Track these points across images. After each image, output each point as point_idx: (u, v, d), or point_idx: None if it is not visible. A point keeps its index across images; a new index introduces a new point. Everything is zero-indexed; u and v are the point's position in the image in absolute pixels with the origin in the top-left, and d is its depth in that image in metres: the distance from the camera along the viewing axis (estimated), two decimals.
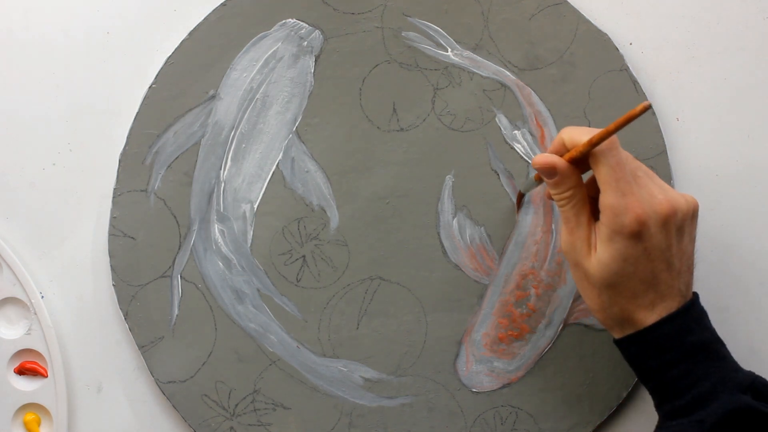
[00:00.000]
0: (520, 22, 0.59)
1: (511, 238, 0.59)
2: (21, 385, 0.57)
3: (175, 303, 0.58)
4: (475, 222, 0.59)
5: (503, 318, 0.58)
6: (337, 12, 0.59)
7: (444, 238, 0.58)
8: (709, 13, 0.61)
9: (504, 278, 0.59)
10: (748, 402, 0.47)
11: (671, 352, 0.49)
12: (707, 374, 0.48)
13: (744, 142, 0.60)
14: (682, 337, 0.49)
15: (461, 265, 0.58)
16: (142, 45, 0.59)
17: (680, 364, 0.49)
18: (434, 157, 0.59)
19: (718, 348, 0.50)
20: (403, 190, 0.59)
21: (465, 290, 0.58)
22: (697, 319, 0.50)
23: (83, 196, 0.59)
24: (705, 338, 0.49)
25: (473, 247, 0.59)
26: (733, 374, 0.49)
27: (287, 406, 0.58)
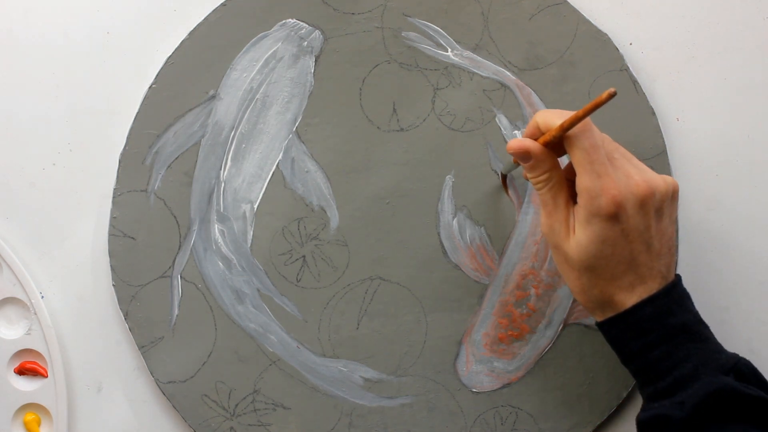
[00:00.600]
0: (520, 22, 0.59)
1: (511, 238, 0.59)
2: (21, 385, 0.57)
3: (175, 303, 0.58)
4: (475, 222, 0.59)
5: (503, 318, 0.58)
6: (337, 12, 0.59)
7: (444, 238, 0.58)
8: (709, 13, 0.61)
9: (504, 278, 0.59)
10: (729, 383, 0.47)
11: (652, 334, 0.49)
12: (689, 356, 0.48)
13: (744, 142, 0.60)
14: (663, 319, 0.49)
15: (461, 265, 0.59)
16: (143, 45, 0.59)
17: (661, 345, 0.49)
18: (434, 157, 0.59)
19: (701, 330, 0.50)
20: (403, 190, 0.59)
21: (465, 290, 0.58)
22: (679, 301, 0.50)
23: (83, 196, 0.59)
24: (687, 320, 0.49)
25: (473, 247, 0.59)
26: (715, 356, 0.49)
27: (287, 406, 0.58)
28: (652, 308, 0.49)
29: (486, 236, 0.59)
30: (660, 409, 0.48)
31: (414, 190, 0.59)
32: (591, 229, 0.48)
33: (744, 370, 0.49)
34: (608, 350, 0.58)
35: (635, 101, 0.59)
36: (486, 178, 0.59)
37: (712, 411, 0.47)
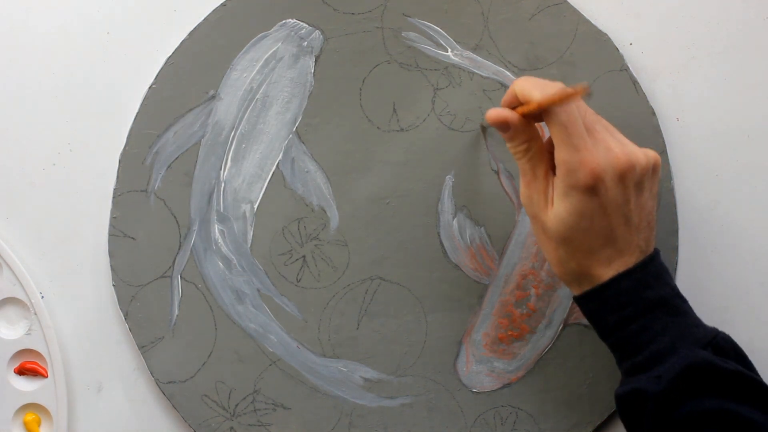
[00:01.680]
0: (520, 22, 0.60)
1: (511, 238, 0.59)
2: (21, 386, 0.57)
3: (175, 303, 0.58)
4: (475, 222, 0.59)
5: (503, 318, 0.59)
6: (337, 12, 0.59)
7: (444, 238, 0.58)
8: (709, 13, 0.61)
9: (504, 278, 0.59)
10: (705, 357, 0.47)
11: (629, 308, 0.48)
12: (666, 329, 0.48)
13: (744, 142, 0.61)
14: (641, 293, 0.48)
15: (461, 265, 0.59)
16: (143, 45, 0.59)
17: (639, 319, 0.48)
18: (434, 157, 0.59)
19: (679, 303, 0.49)
20: (403, 190, 0.59)
21: (465, 290, 0.59)
22: (656, 275, 0.49)
23: (83, 196, 0.59)
24: (664, 293, 0.49)
25: (473, 247, 0.59)
26: (693, 329, 0.49)
27: (287, 406, 0.58)
28: (629, 282, 0.48)
29: (486, 236, 0.59)
30: (636, 383, 0.48)
31: (414, 190, 0.59)
32: (569, 201, 0.48)
33: (722, 344, 0.49)
34: (608, 350, 0.58)
35: (635, 101, 0.60)
36: (486, 178, 0.59)
37: (688, 385, 0.47)
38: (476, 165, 0.59)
